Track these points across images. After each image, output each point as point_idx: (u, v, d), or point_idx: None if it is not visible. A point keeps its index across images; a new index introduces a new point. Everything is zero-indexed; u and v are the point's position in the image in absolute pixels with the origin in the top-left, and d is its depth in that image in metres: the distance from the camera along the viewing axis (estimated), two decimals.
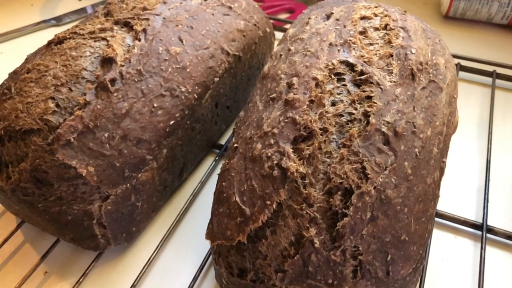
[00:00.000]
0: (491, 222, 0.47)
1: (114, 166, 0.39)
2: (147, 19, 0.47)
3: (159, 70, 0.43)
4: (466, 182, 0.52)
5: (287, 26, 0.77)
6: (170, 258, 0.45)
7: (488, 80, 0.66)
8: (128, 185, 0.41)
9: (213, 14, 0.51)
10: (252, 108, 0.41)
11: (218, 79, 0.49)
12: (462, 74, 0.68)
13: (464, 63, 0.68)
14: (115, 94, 0.40)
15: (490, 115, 0.59)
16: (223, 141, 0.57)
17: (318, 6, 0.53)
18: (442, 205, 0.49)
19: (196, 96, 0.45)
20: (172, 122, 0.43)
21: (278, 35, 0.76)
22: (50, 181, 0.38)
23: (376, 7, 0.48)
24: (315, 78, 0.38)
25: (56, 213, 0.40)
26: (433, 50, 0.43)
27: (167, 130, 0.43)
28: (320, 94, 0.37)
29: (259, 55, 0.59)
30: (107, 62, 0.41)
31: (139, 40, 0.44)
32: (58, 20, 0.80)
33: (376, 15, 0.46)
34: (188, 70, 0.45)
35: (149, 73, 0.42)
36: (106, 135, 0.39)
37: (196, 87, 0.45)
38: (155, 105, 0.42)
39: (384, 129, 0.35)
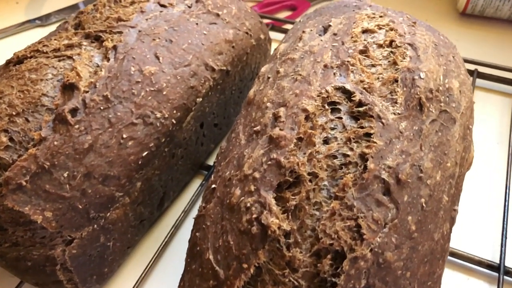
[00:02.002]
0: (509, 262, 0.42)
1: (76, 208, 0.35)
2: (120, 33, 0.41)
3: (130, 94, 0.38)
4: (481, 214, 0.46)
5: (287, 26, 0.71)
6: None
7: (509, 89, 0.60)
8: (95, 226, 0.37)
9: (197, 24, 0.45)
10: (234, 140, 0.36)
11: (201, 99, 0.43)
12: (479, 81, 0.62)
13: (482, 69, 0.61)
14: (76, 126, 0.35)
15: (510, 131, 0.53)
16: (211, 161, 0.52)
17: (317, 13, 0.47)
18: (454, 242, 0.43)
19: (174, 121, 0.40)
20: (145, 153, 0.38)
21: (278, 36, 0.70)
22: (4, 226, 0.34)
23: (381, 16, 0.42)
24: (305, 110, 0.33)
25: (14, 259, 0.35)
26: (446, 71, 0.37)
27: (140, 162, 0.38)
28: (310, 131, 0.32)
29: (252, 65, 0.53)
30: (68, 88, 0.36)
31: (108, 60, 0.38)
32: (43, 20, 0.75)
33: (380, 28, 0.40)
34: (164, 92, 0.39)
35: (118, 99, 0.37)
36: (65, 174, 0.34)
37: (175, 111, 0.40)
38: (124, 135, 0.37)
39: (384, 175, 0.29)
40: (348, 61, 0.36)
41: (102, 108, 0.36)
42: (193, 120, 0.44)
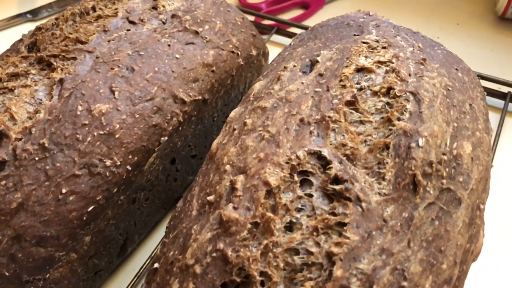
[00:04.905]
0: None
1: (3, 275, 0.30)
2: (74, 59, 0.35)
3: (73, 140, 0.32)
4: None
5: (294, 30, 0.63)
6: None
7: None
8: None
9: (169, 45, 0.39)
10: (188, 206, 0.30)
11: (166, 138, 0.37)
12: None
13: None
14: (3, 182, 0.30)
15: None
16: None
17: (312, 34, 0.40)
18: None
19: (130, 168, 0.35)
20: (91, 208, 0.33)
21: (284, 40, 0.62)
22: None
23: (385, 47, 0.34)
24: (267, 183, 0.26)
25: None
26: (456, 130, 0.29)
27: (84, 218, 0.33)
28: (268, 215, 0.25)
29: (239, 86, 0.46)
30: None
31: (51, 97, 0.33)
32: (34, 14, 0.70)
33: (380, 65, 0.32)
34: (117, 135, 0.34)
35: (58, 146, 0.32)
36: None
37: (130, 156, 0.34)
38: (63, 190, 0.31)
39: (354, 285, 0.23)
40: (329, 116, 0.29)
41: (37, 158, 0.31)
42: (158, 159, 0.38)
